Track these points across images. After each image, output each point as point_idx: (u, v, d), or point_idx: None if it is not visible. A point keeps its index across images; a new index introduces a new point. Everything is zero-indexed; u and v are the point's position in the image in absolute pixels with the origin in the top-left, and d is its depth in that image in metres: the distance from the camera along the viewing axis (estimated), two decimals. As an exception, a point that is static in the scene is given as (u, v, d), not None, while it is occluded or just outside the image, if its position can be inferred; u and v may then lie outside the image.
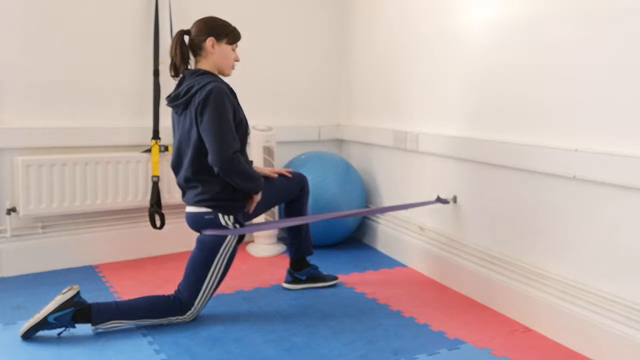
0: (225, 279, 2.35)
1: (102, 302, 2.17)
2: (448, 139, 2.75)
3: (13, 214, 2.76)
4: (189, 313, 2.24)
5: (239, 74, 2.59)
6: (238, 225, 2.30)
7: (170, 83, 2.81)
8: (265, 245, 3.22)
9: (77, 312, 2.08)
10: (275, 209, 3.18)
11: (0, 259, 2.75)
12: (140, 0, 3.00)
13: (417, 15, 3.00)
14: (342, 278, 2.81)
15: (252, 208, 2.36)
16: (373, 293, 2.64)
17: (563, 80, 2.16)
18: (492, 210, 2.53)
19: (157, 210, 2.98)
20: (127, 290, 2.59)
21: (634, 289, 1.93)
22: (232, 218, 2.27)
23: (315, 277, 2.69)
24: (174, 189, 3.02)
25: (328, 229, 3.22)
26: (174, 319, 2.23)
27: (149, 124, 3.03)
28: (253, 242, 3.30)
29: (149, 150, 3.01)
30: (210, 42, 2.26)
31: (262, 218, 3.08)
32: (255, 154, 3.14)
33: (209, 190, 2.24)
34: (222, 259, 2.24)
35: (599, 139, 2.03)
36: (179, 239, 3.15)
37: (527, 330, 2.27)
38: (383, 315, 2.38)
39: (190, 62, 2.33)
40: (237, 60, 2.37)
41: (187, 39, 2.30)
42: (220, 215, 2.25)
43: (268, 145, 3.17)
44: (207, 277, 2.22)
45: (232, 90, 2.28)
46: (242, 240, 2.36)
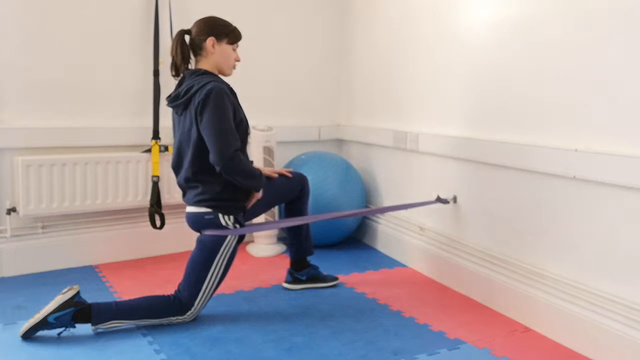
0: (225, 279, 2.34)
1: (102, 302, 2.17)
2: (448, 139, 2.75)
3: (13, 214, 2.76)
4: (189, 313, 2.24)
5: (239, 74, 2.59)
6: (238, 226, 2.30)
7: (170, 83, 2.81)
8: (265, 245, 3.22)
9: (77, 312, 2.08)
10: (276, 209, 3.18)
11: (0, 259, 2.75)
12: (140, 0, 3.01)
13: (417, 15, 3.00)
14: (342, 278, 2.81)
15: (251, 204, 2.36)
16: (373, 293, 2.64)
17: (563, 80, 2.16)
18: (492, 210, 2.53)
19: (157, 210, 2.98)
20: (127, 290, 2.59)
21: (634, 289, 1.93)
22: (232, 218, 2.27)
23: (316, 277, 2.69)
24: (174, 189, 3.02)
25: (328, 229, 3.22)
26: (174, 319, 2.23)
27: (149, 124, 3.03)
28: (253, 242, 3.30)
29: (149, 150, 3.01)
30: (211, 42, 2.26)
31: (262, 218, 3.08)
32: (255, 154, 3.14)
33: (209, 191, 2.24)
34: (222, 259, 2.24)
35: (599, 139, 2.03)
36: (179, 239, 3.15)
37: (527, 330, 2.27)
38: (383, 315, 2.38)
39: (191, 62, 2.33)
40: (237, 60, 2.37)
41: (187, 39, 2.29)
42: (221, 216, 2.25)
43: (268, 145, 3.17)
44: (207, 277, 2.22)
45: (232, 90, 2.28)
46: (242, 241, 2.36)
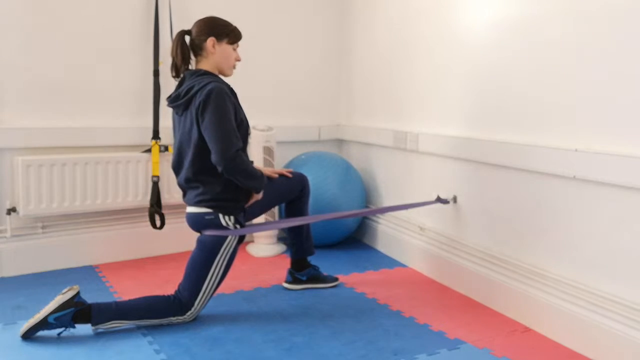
0: (225, 279, 2.34)
1: (102, 302, 2.17)
2: (448, 139, 2.75)
3: (13, 214, 2.76)
4: (189, 313, 2.24)
5: (239, 74, 2.59)
6: (238, 226, 2.30)
7: (170, 83, 2.81)
8: (265, 245, 3.22)
9: (77, 312, 2.08)
10: (276, 209, 3.18)
11: (0, 259, 2.75)
12: (140, 0, 3.01)
13: (417, 15, 3.00)
14: (342, 278, 2.81)
15: (249, 204, 2.36)
16: (373, 293, 2.64)
17: (563, 80, 2.16)
18: (492, 210, 2.53)
19: (157, 210, 2.98)
20: (127, 290, 2.59)
21: (634, 289, 1.93)
22: (232, 218, 2.27)
23: (316, 277, 2.69)
24: (174, 189, 3.02)
25: (328, 229, 3.22)
26: (174, 319, 2.23)
27: (149, 124, 3.03)
28: (253, 242, 3.30)
29: (149, 150, 3.01)
30: (211, 42, 2.26)
31: (262, 218, 3.08)
32: (255, 154, 3.14)
33: (210, 191, 2.24)
34: (222, 260, 2.24)
35: (599, 139, 2.03)
36: (179, 239, 3.15)
37: (527, 330, 2.27)
38: (383, 315, 2.38)
39: (192, 62, 2.33)
40: (238, 60, 2.37)
41: (187, 39, 2.29)
42: (221, 216, 2.25)
43: (268, 145, 3.17)
44: (207, 277, 2.22)
45: (232, 91, 2.28)
46: (242, 241, 2.36)
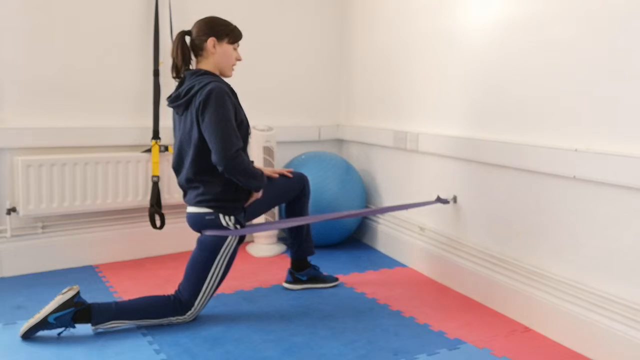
0: (225, 279, 2.35)
1: (102, 302, 2.17)
2: (448, 139, 2.75)
3: (13, 214, 2.76)
4: (189, 313, 2.24)
5: (240, 74, 2.59)
6: (239, 226, 2.30)
7: (170, 83, 2.81)
8: (265, 245, 3.22)
9: (77, 312, 2.08)
10: (276, 209, 3.18)
11: (0, 259, 2.75)
12: (140, 1, 3.01)
13: (416, 16, 3.00)
14: (342, 278, 2.81)
15: (249, 203, 2.36)
16: (373, 293, 2.64)
17: (563, 80, 2.16)
18: (492, 210, 2.53)
19: (157, 210, 2.98)
20: (127, 290, 2.59)
21: (634, 289, 1.93)
22: (232, 219, 2.27)
23: (316, 277, 2.69)
24: (174, 189, 3.03)
25: (328, 229, 3.22)
26: (174, 319, 2.23)
27: (149, 124, 3.03)
28: (253, 242, 3.30)
29: (149, 150, 3.01)
30: (212, 42, 2.26)
31: (262, 218, 3.08)
32: (255, 154, 3.14)
33: (210, 191, 2.24)
34: (222, 260, 2.24)
35: (599, 139, 2.03)
36: (179, 239, 3.15)
37: (527, 330, 2.27)
38: (383, 315, 2.38)
39: (192, 62, 2.32)
40: (239, 60, 2.36)
41: (188, 40, 2.29)
42: (221, 216, 2.25)
43: (268, 145, 3.17)
44: (207, 277, 2.22)
45: (232, 91, 2.28)
46: (242, 241, 2.36)
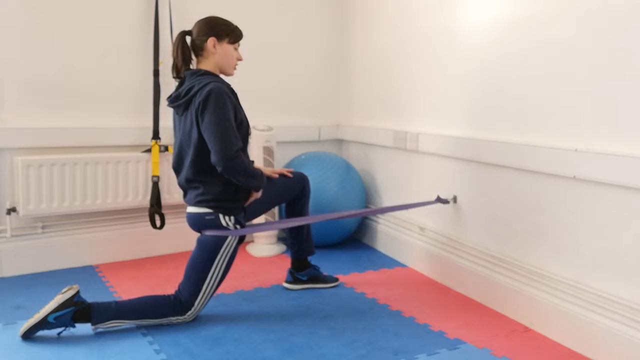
0: (225, 279, 2.34)
1: (102, 301, 2.17)
2: (448, 139, 2.75)
3: (13, 214, 2.76)
4: (189, 313, 2.24)
5: (240, 74, 2.58)
6: (239, 226, 2.29)
7: (170, 83, 2.81)
8: (265, 245, 3.22)
9: (77, 311, 2.08)
10: (276, 209, 3.18)
11: (0, 259, 2.75)
12: (140, 1, 3.01)
13: (416, 16, 3.00)
14: (342, 278, 2.81)
15: (248, 203, 2.36)
16: (373, 293, 2.64)
17: (563, 80, 2.16)
18: (492, 210, 2.53)
19: (157, 210, 2.98)
20: (127, 290, 2.59)
21: (634, 289, 1.93)
22: (232, 219, 2.27)
23: (316, 278, 2.69)
24: (174, 189, 3.03)
25: (328, 229, 3.22)
26: (174, 319, 2.23)
27: (149, 124, 3.03)
28: (253, 242, 3.30)
29: (149, 150, 3.01)
30: (212, 42, 2.25)
31: (262, 218, 3.08)
32: (255, 154, 3.14)
33: (210, 191, 2.24)
34: (222, 260, 2.24)
35: (599, 139, 2.03)
36: (179, 239, 3.15)
37: (527, 330, 2.27)
38: (383, 315, 2.38)
39: (193, 62, 2.32)
40: (239, 60, 2.36)
41: (188, 40, 2.29)
42: (221, 216, 2.25)
43: (268, 145, 3.17)
44: (207, 277, 2.22)
45: (232, 91, 2.27)
46: (242, 241, 2.36)
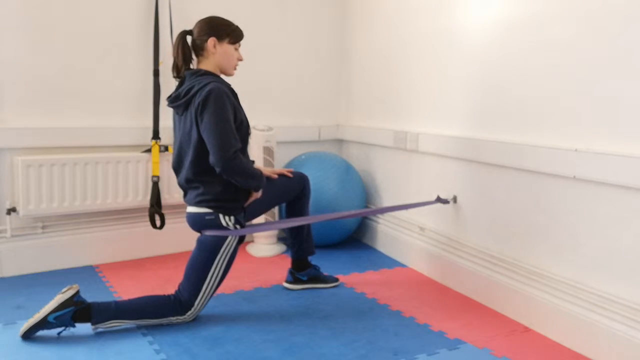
0: (225, 279, 2.34)
1: (101, 301, 2.17)
2: (448, 139, 2.75)
3: (13, 214, 2.76)
4: (189, 313, 2.24)
5: (240, 74, 2.59)
6: (239, 226, 2.29)
7: (170, 83, 2.81)
8: (265, 245, 3.22)
9: (77, 311, 2.08)
10: (276, 209, 3.18)
11: (0, 259, 2.75)
12: (140, 1, 3.01)
13: (416, 15, 3.00)
14: (342, 278, 2.81)
15: (248, 203, 2.36)
16: (373, 293, 2.64)
17: (563, 80, 2.16)
18: (492, 210, 2.53)
19: (157, 210, 2.98)
20: (127, 290, 2.59)
21: (634, 289, 1.93)
22: (232, 219, 2.27)
23: (317, 278, 2.69)
24: (174, 189, 3.02)
25: (328, 229, 3.22)
26: (174, 319, 2.23)
27: (149, 124, 3.03)
28: (253, 242, 3.30)
29: (149, 150, 3.01)
30: (212, 42, 2.25)
31: (262, 218, 3.08)
32: (255, 154, 3.14)
33: (210, 191, 2.24)
34: (222, 260, 2.24)
35: (599, 139, 2.03)
36: (179, 239, 3.15)
37: (527, 330, 2.27)
38: (383, 315, 2.38)
39: (193, 62, 2.32)
40: (240, 60, 2.36)
41: (189, 40, 2.29)
42: (221, 216, 2.25)
43: (268, 145, 3.17)
44: (207, 277, 2.22)
45: (232, 91, 2.27)
46: (242, 241, 2.36)
